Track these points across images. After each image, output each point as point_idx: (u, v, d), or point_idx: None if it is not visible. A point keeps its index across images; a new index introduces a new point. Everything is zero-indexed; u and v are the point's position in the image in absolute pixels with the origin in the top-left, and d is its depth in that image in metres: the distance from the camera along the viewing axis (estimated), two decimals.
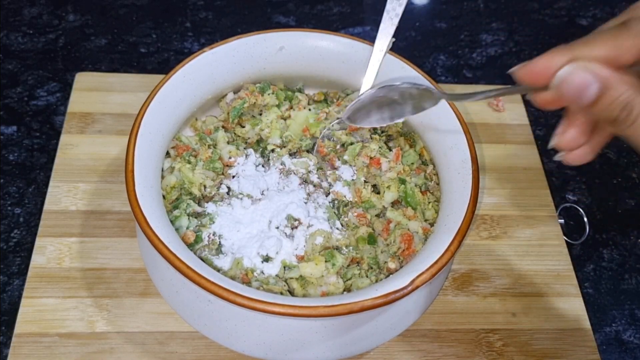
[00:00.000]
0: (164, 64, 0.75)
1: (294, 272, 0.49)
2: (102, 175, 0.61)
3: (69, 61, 0.74)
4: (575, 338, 0.55)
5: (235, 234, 0.51)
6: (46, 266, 0.55)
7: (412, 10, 0.85)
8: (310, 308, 0.41)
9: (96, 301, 0.53)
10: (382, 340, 0.50)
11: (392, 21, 0.54)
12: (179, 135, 0.55)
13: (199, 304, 0.46)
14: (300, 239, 0.51)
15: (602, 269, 0.62)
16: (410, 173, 0.55)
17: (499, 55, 0.81)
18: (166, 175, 0.52)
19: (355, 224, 0.53)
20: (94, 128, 0.64)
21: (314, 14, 0.83)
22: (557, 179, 0.68)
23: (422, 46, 0.81)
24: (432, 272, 0.44)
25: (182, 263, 0.42)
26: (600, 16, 0.87)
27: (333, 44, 0.57)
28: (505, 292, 0.58)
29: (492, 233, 0.61)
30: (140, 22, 0.79)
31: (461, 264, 0.59)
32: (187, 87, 0.53)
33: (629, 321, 0.59)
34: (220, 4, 0.82)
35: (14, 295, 0.55)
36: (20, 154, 0.64)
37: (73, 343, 0.51)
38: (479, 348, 0.54)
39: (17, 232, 0.59)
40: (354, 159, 0.55)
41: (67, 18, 0.78)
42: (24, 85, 0.70)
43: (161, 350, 0.51)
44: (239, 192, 0.54)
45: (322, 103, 0.61)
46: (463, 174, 0.50)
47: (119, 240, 0.57)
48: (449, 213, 0.49)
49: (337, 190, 0.54)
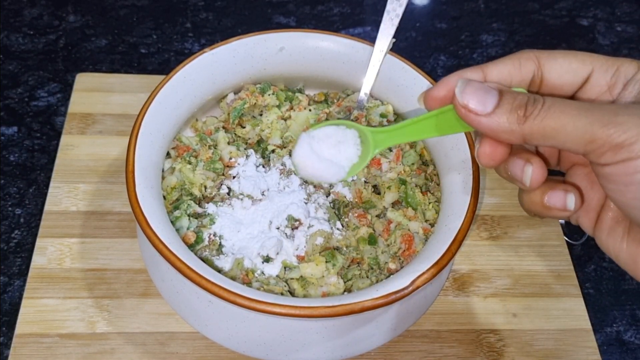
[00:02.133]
0: (164, 65, 0.75)
1: (294, 273, 0.49)
2: (102, 175, 0.61)
3: (69, 62, 0.74)
4: (576, 338, 0.55)
5: (236, 234, 0.51)
6: (47, 267, 0.55)
7: (412, 11, 0.85)
8: (310, 308, 0.41)
9: (97, 302, 0.53)
10: (383, 340, 0.50)
11: (393, 22, 0.54)
12: (179, 136, 0.55)
13: (200, 304, 0.46)
14: (301, 239, 0.51)
15: (603, 269, 0.62)
16: (411, 173, 0.55)
17: (499, 55, 0.80)
18: (167, 175, 0.52)
19: (355, 225, 0.53)
20: (94, 129, 0.64)
21: (315, 15, 0.83)
22: None
23: (422, 46, 0.81)
24: (433, 273, 0.44)
25: (182, 264, 0.42)
26: (601, 16, 0.87)
27: (333, 45, 0.57)
28: (505, 293, 0.58)
29: (492, 233, 0.61)
30: (140, 23, 0.79)
31: (462, 265, 0.59)
32: (188, 88, 0.53)
33: (629, 321, 0.59)
34: (221, 4, 0.82)
35: (14, 295, 0.55)
36: (21, 155, 0.64)
37: (74, 344, 0.51)
38: (479, 348, 0.54)
39: (17, 232, 0.59)
40: None
41: (68, 19, 0.78)
42: (24, 86, 0.70)
43: (162, 350, 0.51)
44: (240, 193, 0.54)
45: (323, 103, 0.61)
46: (463, 174, 0.50)
47: (119, 240, 0.57)
48: (449, 213, 0.49)
49: (338, 190, 0.54)
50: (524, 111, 0.33)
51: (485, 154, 0.36)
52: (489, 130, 0.34)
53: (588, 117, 0.31)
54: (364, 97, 0.56)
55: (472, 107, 0.34)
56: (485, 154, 0.36)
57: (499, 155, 0.36)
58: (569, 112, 0.32)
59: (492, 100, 0.34)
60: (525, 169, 0.36)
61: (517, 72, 0.38)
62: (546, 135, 0.33)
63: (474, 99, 0.34)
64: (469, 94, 0.34)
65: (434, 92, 0.38)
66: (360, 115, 0.56)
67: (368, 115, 0.56)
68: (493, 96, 0.34)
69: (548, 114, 0.32)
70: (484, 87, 0.34)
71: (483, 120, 0.34)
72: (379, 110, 0.56)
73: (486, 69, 0.37)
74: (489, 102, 0.34)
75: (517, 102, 0.33)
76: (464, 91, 0.34)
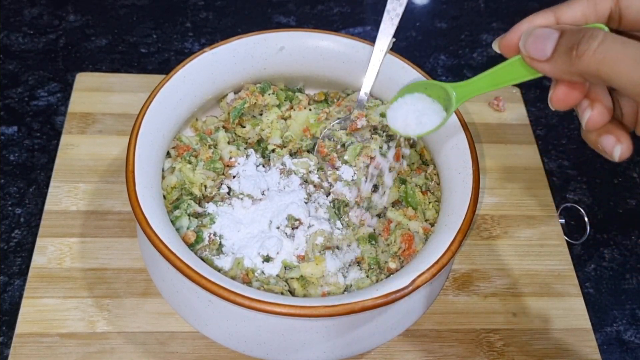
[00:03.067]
0: (164, 64, 0.75)
1: (294, 272, 0.49)
2: (102, 175, 0.61)
3: (69, 61, 0.74)
4: (576, 338, 0.55)
5: (236, 234, 0.51)
6: (47, 266, 0.55)
7: (412, 10, 0.85)
8: (311, 308, 0.41)
9: (97, 301, 0.53)
10: (383, 340, 0.50)
11: (393, 21, 0.54)
12: (179, 136, 0.55)
13: (200, 304, 0.46)
14: (301, 239, 0.51)
15: (603, 269, 0.62)
16: (411, 173, 0.55)
17: (499, 55, 0.80)
18: (167, 175, 0.52)
19: (355, 224, 0.53)
20: (94, 128, 0.64)
21: (315, 14, 0.83)
22: (557, 178, 0.68)
23: (422, 46, 0.81)
24: (433, 272, 0.44)
25: (182, 263, 0.42)
26: None
27: (333, 44, 0.57)
28: (505, 292, 0.58)
29: (492, 233, 0.61)
30: (140, 23, 0.79)
31: (462, 264, 0.59)
32: (188, 88, 0.53)
33: (629, 321, 0.59)
34: (221, 4, 0.82)
35: (14, 295, 0.55)
36: (21, 154, 0.64)
37: (74, 343, 0.51)
38: (479, 348, 0.54)
39: (17, 232, 0.59)
40: (354, 159, 0.55)
41: (68, 18, 0.78)
42: (24, 86, 0.70)
43: (162, 350, 0.51)
44: (240, 192, 0.54)
45: (323, 103, 0.61)
46: (463, 173, 0.50)
47: (119, 240, 0.57)
48: (449, 213, 0.49)
49: (338, 190, 0.54)
50: (577, 50, 0.33)
51: (558, 98, 0.37)
52: (552, 74, 0.35)
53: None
54: (364, 97, 0.56)
55: (533, 55, 0.35)
56: (558, 99, 0.37)
57: (571, 100, 0.37)
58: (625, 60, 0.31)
59: (551, 44, 0.34)
60: (615, 148, 0.37)
61: (592, 12, 0.37)
62: (602, 78, 0.33)
63: (534, 47, 0.35)
64: (530, 43, 0.35)
65: (506, 40, 0.38)
66: (360, 114, 0.56)
67: (368, 115, 0.56)
68: (552, 40, 0.34)
69: (603, 55, 0.32)
70: (545, 32, 0.35)
71: (545, 67, 0.35)
72: (379, 110, 0.56)
73: (559, 11, 0.37)
74: (548, 46, 0.34)
75: (572, 41, 0.33)
76: (527, 41, 0.35)
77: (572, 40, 0.33)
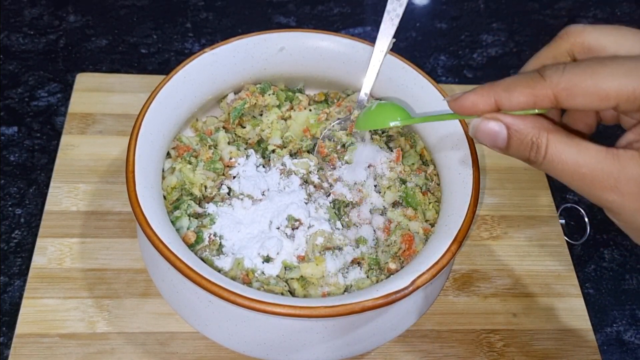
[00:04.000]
0: (164, 65, 0.75)
1: (294, 273, 0.49)
2: (102, 175, 0.61)
3: (69, 62, 0.74)
4: (576, 338, 0.55)
5: (236, 234, 0.51)
6: (47, 267, 0.55)
7: (412, 11, 0.85)
8: (311, 308, 0.41)
9: (97, 302, 0.53)
10: (383, 340, 0.50)
11: (393, 21, 0.54)
12: (179, 136, 0.55)
13: (200, 304, 0.46)
14: (301, 239, 0.51)
15: (603, 269, 0.62)
16: (411, 173, 0.55)
17: (499, 55, 0.81)
18: (167, 175, 0.52)
19: (355, 224, 0.53)
20: (94, 129, 0.64)
21: (315, 15, 0.83)
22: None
23: (422, 46, 0.81)
24: (433, 273, 0.44)
25: (182, 263, 0.42)
26: (601, 16, 0.87)
27: (334, 45, 0.57)
28: (506, 293, 0.58)
29: (492, 233, 0.61)
30: (140, 23, 0.79)
31: (462, 265, 0.59)
32: (188, 88, 0.53)
33: (629, 321, 0.59)
34: (221, 4, 0.82)
35: (14, 295, 0.55)
36: (21, 155, 0.64)
37: (74, 344, 0.51)
38: (479, 348, 0.54)
39: (17, 232, 0.59)
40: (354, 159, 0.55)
41: (68, 19, 0.78)
42: (24, 86, 0.70)
43: (162, 350, 0.51)
44: (240, 193, 0.54)
45: (323, 103, 0.61)
46: (464, 174, 0.50)
47: (119, 240, 0.57)
48: (449, 213, 0.49)
49: (338, 190, 0.54)
50: (528, 155, 0.36)
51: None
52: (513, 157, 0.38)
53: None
54: (364, 97, 0.56)
55: (488, 146, 0.37)
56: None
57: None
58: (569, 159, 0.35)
59: (501, 141, 0.37)
60: None
61: (532, 103, 0.36)
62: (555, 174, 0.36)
63: (486, 141, 0.37)
64: (481, 137, 0.37)
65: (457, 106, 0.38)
66: None
67: None
68: (502, 137, 0.36)
69: (552, 159, 0.35)
70: (493, 130, 0.37)
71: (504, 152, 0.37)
72: None
73: (498, 96, 0.36)
74: (500, 142, 0.37)
75: (522, 145, 0.36)
76: (476, 134, 0.38)
77: (522, 144, 0.36)
